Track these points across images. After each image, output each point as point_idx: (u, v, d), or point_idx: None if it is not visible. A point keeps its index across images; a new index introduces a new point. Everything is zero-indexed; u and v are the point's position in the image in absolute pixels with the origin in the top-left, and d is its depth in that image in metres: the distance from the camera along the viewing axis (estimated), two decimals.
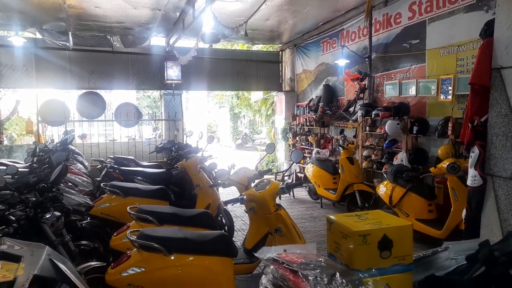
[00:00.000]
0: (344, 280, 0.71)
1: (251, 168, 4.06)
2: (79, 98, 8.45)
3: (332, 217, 0.96)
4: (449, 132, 4.78)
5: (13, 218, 2.78)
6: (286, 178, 7.29)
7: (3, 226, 2.63)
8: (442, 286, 1.01)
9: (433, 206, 4.76)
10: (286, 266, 0.77)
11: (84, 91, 8.50)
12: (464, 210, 3.30)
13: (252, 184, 3.54)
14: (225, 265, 2.69)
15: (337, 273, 0.74)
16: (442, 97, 5.25)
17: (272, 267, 0.85)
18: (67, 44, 7.58)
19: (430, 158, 5.46)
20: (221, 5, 6.11)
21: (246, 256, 3.44)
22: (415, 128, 5.40)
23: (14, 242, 0.67)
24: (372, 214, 1.04)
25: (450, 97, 5.09)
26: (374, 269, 0.87)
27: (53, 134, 8.88)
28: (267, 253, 0.84)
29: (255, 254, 0.89)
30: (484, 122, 2.94)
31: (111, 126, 9.70)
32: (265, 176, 3.65)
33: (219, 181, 3.85)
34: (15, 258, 0.63)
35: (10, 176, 3.41)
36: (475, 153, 3.05)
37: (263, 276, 0.87)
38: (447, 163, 4.31)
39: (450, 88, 5.09)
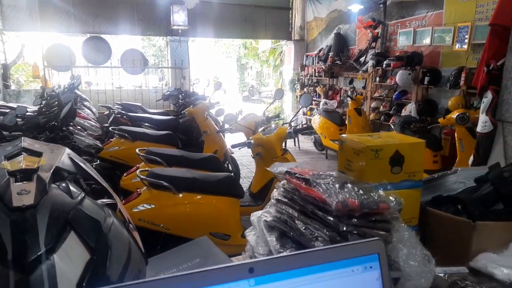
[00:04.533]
0: (356, 187, 0.73)
1: (258, 114, 4.06)
2: (84, 43, 8.30)
3: (344, 135, 0.97)
4: (462, 83, 4.67)
5: None
6: (292, 124, 7.30)
7: None
8: (448, 202, 1.04)
9: (438, 157, 4.78)
10: (298, 176, 0.78)
11: (88, 35, 8.33)
12: (471, 157, 3.31)
13: (260, 129, 3.55)
14: (232, 205, 2.78)
15: (348, 181, 0.76)
16: (457, 46, 5.08)
17: (283, 181, 0.86)
18: None
19: (439, 109, 5.39)
20: None
21: (252, 200, 3.55)
22: (426, 79, 5.28)
23: (33, 141, 0.69)
24: (385, 134, 1.05)
25: (465, 46, 4.93)
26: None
27: (60, 81, 8.82)
28: (279, 167, 0.86)
29: (268, 169, 0.91)
30: (501, 66, 2.86)
31: (117, 75, 9.61)
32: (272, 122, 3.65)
33: (227, 126, 3.86)
34: (36, 154, 0.65)
35: (20, 118, 3.43)
36: (487, 98, 3.00)
37: (274, 190, 0.89)
38: (457, 114, 4.26)
39: (466, 36, 4.91)
